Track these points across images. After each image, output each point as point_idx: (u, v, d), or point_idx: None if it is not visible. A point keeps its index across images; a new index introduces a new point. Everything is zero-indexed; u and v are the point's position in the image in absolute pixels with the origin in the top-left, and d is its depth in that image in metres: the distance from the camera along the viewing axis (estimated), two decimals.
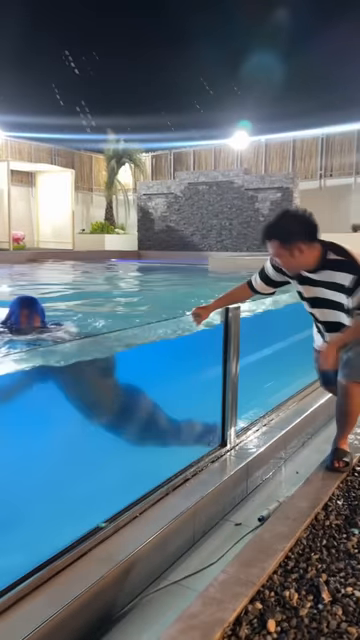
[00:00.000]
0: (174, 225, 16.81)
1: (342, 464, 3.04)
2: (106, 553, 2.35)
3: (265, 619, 1.86)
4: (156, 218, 17.13)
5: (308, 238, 2.78)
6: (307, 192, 16.03)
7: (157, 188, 17.17)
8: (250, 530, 2.89)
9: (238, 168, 16.97)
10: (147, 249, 16.57)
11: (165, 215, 16.95)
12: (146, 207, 17.29)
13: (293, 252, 2.78)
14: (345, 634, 1.79)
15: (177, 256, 14.93)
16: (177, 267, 12.41)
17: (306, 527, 2.46)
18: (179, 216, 16.67)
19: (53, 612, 1.96)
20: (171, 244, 16.63)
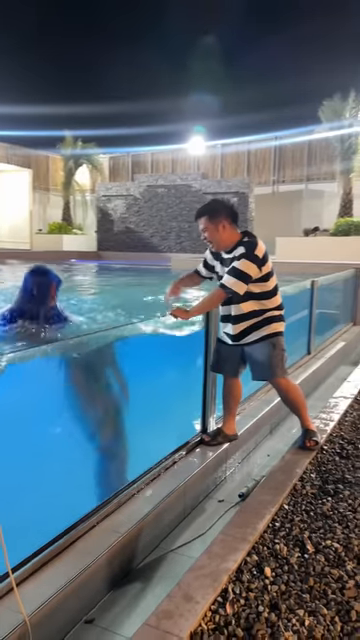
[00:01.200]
0: (134, 227, 17.06)
1: (312, 443, 3.44)
2: (112, 526, 2.63)
3: (262, 567, 2.20)
4: (115, 219, 17.31)
5: (230, 218, 3.25)
6: (261, 197, 16.65)
7: (116, 190, 17.36)
8: (232, 505, 3.23)
9: (196, 172, 17.41)
10: (107, 250, 16.72)
11: (125, 217, 17.16)
12: (105, 208, 17.44)
13: (218, 227, 3.22)
14: (329, 574, 2.16)
15: (138, 257, 15.18)
16: (141, 268, 12.67)
17: (287, 495, 2.83)
18: (139, 218, 16.93)
19: (77, 571, 2.23)
20: (131, 245, 16.86)
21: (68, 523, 2.50)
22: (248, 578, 2.13)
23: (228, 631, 1.85)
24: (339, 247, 12.06)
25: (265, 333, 3.33)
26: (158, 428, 3.52)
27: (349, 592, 2.06)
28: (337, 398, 4.63)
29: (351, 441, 3.67)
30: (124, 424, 3.33)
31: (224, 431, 3.68)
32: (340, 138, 14.48)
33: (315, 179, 16.78)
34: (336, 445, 3.58)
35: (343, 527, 2.53)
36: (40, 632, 2.00)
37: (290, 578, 2.14)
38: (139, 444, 3.36)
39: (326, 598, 2.03)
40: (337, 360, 6.87)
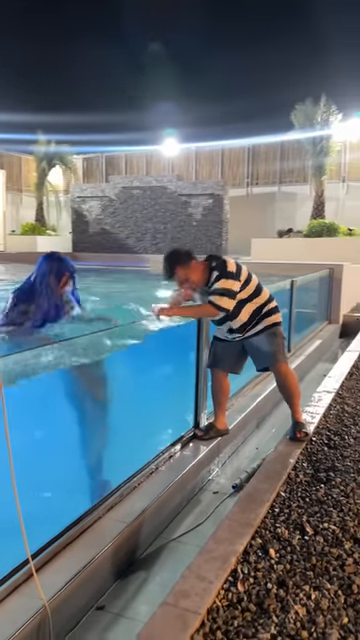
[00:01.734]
0: (109, 228, 17.06)
1: (303, 434, 3.60)
2: (118, 516, 2.72)
3: (267, 549, 2.33)
4: (91, 221, 17.29)
5: (190, 257, 3.39)
6: (235, 199, 16.88)
7: (91, 191, 17.33)
8: (226, 496, 3.36)
9: (171, 174, 17.54)
10: (82, 251, 16.65)
11: (100, 218, 17.15)
12: (80, 209, 17.40)
13: (191, 267, 3.35)
14: (329, 553, 2.31)
15: (114, 258, 15.18)
16: (120, 269, 12.69)
17: (282, 483, 2.97)
18: (114, 219, 16.94)
19: (88, 560, 2.32)
20: (106, 246, 16.86)
21: (76, 514, 2.58)
22: (254, 559, 2.26)
23: (241, 606, 1.97)
24: (312, 248, 12.37)
25: (265, 325, 3.52)
26: (151, 424, 3.63)
27: (349, 568, 2.21)
28: (320, 393, 4.81)
29: (337, 432, 3.84)
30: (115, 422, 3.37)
31: (216, 426, 3.81)
32: (312, 141, 14.84)
33: (287, 182, 17.13)
34: (324, 436, 3.74)
35: (338, 511, 2.68)
36: (57, 618, 2.08)
37: (294, 558, 2.28)
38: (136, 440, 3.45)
39: (328, 574, 2.17)
40: (315, 357, 7.09)
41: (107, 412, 3.14)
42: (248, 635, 1.82)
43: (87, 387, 3.10)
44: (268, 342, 3.53)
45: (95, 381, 3.15)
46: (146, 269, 11.53)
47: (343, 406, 4.47)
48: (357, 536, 2.45)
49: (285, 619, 1.90)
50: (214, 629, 1.85)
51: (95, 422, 3.04)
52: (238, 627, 1.86)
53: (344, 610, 1.97)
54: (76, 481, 2.83)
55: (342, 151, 15.85)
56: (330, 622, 1.90)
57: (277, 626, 1.87)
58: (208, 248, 15.80)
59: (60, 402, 2.92)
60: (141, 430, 3.38)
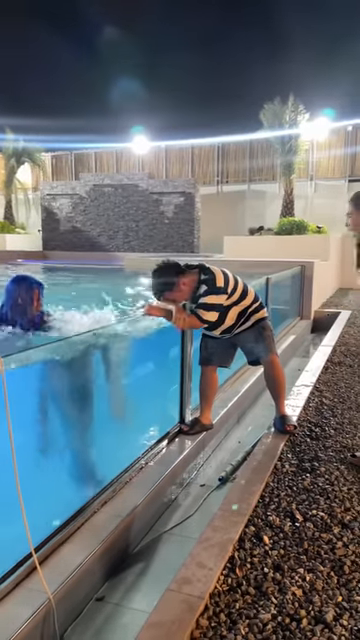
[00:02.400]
0: (80, 226, 16.95)
1: (291, 427, 3.73)
2: (113, 510, 2.78)
3: (260, 536, 2.43)
4: (61, 218, 17.14)
5: (180, 272, 3.40)
6: (206, 197, 17.03)
7: (61, 189, 17.19)
8: (213, 489, 3.45)
9: (142, 172, 17.54)
10: (53, 249, 16.52)
11: (71, 216, 17.02)
12: (50, 207, 17.23)
13: (179, 289, 3.37)
14: (320, 538, 2.43)
15: (86, 257, 15.12)
16: (94, 268, 12.64)
17: (270, 474, 3.08)
18: (85, 217, 16.85)
19: (87, 553, 2.37)
20: (78, 245, 16.75)
21: (73, 509, 2.63)
22: (250, 546, 2.36)
23: (241, 590, 2.06)
24: (283, 245, 12.59)
25: (253, 321, 3.62)
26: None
27: (339, 551, 2.33)
28: (299, 387, 4.96)
29: (317, 424, 3.98)
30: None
31: (201, 421, 3.90)
32: (281, 140, 15.08)
33: (257, 180, 17.36)
34: (305, 428, 3.88)
35: (325, 498, 2.81)
36: (60, 610, 2.13)
37: (287, 544, 2.39)
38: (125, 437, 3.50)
39: (321, 557, 2.29)
40: (290, 352, 7.27)
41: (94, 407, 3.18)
42: (250, 616, 1.92)
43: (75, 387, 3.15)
44: (259, 335, 3.65)
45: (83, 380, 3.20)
46: (120, 267, 11.53)
47: (321, 399, 4.62)
48: (344, 521, 2.58)
49: (283, 600, 2.00)
50: (217, 612, 1.94)
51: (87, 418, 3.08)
52: (240, 609, 1.96)
53: (338, 590, 2.08)
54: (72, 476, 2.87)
55: (310, 150, 16.16)
56: (326, 601, 2.01)
57: (277, 607, 1.97)
58: (180, 246, 15.91)
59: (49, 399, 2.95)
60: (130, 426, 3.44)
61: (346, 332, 7.84)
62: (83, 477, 2.95)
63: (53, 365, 2.80)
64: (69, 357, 2.90)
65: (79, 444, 2.96)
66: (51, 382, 2.99)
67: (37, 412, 2.81)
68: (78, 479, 2.92)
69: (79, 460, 2.96)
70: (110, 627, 2.25)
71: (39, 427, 2.72)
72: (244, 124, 16.65)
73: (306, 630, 1.86)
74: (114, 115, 21.24)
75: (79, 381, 3.12)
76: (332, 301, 11.61)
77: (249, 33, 20.99)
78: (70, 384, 3.03)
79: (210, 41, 23.04)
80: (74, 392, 3.13)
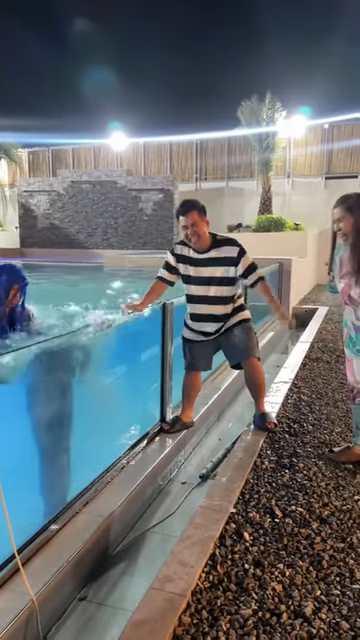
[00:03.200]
0: (58, 223, 16.81)
1: (272, 424, 3.79)
2: (95, 510, 2.79)
3: (241, 533, 2.47)
4: (39, 215, 16.97)
5: (202, 212, 3.58)
6: (185, 194, 16.99)
7: (39, 185, 17.01)
8: (194, 486, 3.49)
9: (120, 169, 17.45)
10: (31, 246, 16.35)
11: (49, 212, 16.86)
12: (28, 204, 17.04)
13: (204, 222, 3.54)
14: (299, 534, 2.48)
15: (65, 254, 15.00)
16: (73, 266, 12.56)
17: (250, 471, 3.13)
18: (63, 214, 16.71)
19: (70, 554, 2.38)
20: (56, 242, 16.62)
21: (56, 510, 2.64)
22: (231, 543, 2.40)
23: (223, 587, 2.10)
24: (261, 242, 12.69)
25: (240, 319, 3.69)
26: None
27: (318, 546, 2.38)
28: (277, 383, 5.02)
29: (296, 420, 4.05)
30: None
31: (182, 419, 3.93)
32: (258, 138, 15.16)
33: (235, 177, 17.42)
34: (284, 425, 3.94)
35: (303, 494, 2.87)
36: (43, 611, 2.14)
37: (266, 540, 2.43)
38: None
39: (300, 553, 2.34)
40: (269, 349, 7.35)
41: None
42: (231, 612, 1.96)
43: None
44: (246, 336, 3.69)
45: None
46: (99, 265, 11.48)
47: (300, 395, 4.70)
48: (323, 516, 2.64)
49: (264, 595, 2.05)
50: (199, 609, 1.97)
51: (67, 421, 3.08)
52: (221, 606, 1.99)
53: (316, 584, 2.14)
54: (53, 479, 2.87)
55: (287, 147, 16.29)
56: (305, 595, 2.06)
57: (257, 602, 2.01)
58: (159, 243, 15.91)
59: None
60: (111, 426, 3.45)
61: (323, 328, 7.96)
62: (64, 478, 2.95)
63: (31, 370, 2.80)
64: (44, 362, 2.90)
65: (59, 445, 2.96)
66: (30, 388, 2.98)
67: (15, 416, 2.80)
68: (59, 480, 2.92)
69: (60, 461, 2.96)
70: (93, 626, 2.26)
71: (20, 430, 2.71)
72: (222, 121, 16.71)
73: (286, 624, 1.90)
74: (91, 111, 21.13)
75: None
76: (310, 297, 11.76)
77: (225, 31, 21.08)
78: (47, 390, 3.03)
79: (186, 38, 23.11)
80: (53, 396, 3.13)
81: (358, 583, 2.15)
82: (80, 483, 2.93)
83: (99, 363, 3.66)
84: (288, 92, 16.29)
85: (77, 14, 22.93)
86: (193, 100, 21.11)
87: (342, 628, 1.89)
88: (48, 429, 2.94)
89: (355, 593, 2.08)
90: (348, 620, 1.93)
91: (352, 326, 3.16)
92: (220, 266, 3.56)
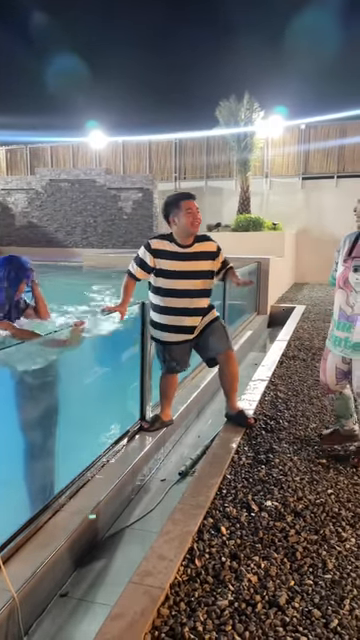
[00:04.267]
0: (37, 221, 16.70)
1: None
2: (75, 508, 2.83)
3: (218, 527, 2.55)
4: (17, 214, 16.84)
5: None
6: (164, 193, 17.00)
7: (16, 183, 16.87)
8: (173, 483, 3.55)
9: (99, 167, 17.40)
10: (8, 245, 16.19)
11: (27, 211, 16.74)
12: (5, 202, 16.89)
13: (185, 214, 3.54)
14: (274, 527, 2.56)
15: (43, 253, 14.89)
16: (52, 265, 12.49)
17: (227, 466, 3.20)
18: (42, 212, 16.61)
19: (51, 551, 2.42)
20: (34, 240, 16.51)
21: (36, 508, 2.67)
22: (208, 537, 2.47)
23: (200, 579, 2.17)
24: (240, 242, 12.81)
25: (213, 316, 3.80)
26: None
27: (292, 538, 2.47)
28: (255, 381, 5.12)
29: (272, 417, 4.14)
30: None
31: (161, 417, 3.99)
32: (237, 138, 15.28)
33: (214, 177, 17.52)
34: (261, 421, 4.03)
35: (279, 488, 2.95)
36: (24, 607, 2.18)
37: (243, 533, 2.51)
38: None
39: (275, 545, 2.42)
40: (247, 347, 7.45)
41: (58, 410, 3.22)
42: (208, 603, 2.02)
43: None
44: (222, 329, 3.80)
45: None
46: (78, 264, 11.46)
47: (276, 392, 4.80)
48: (297, 510, 2.73)
49: (240, 587, 2.12)
50: (178, 601, 2.04)
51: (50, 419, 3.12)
52: (199, 597, 2.06)
53: (290, 575, 2.22)
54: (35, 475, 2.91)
55: (265, 148, 16.44)
56: (279, 586, 2.14)
57: (233, 593, 2.09)
58: (139, 242, 15.91)
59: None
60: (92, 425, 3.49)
61: (300, 327, 8.10)
62: (44, 477, 2.99)
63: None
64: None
65: (38, 444, 2.99)
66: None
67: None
68: (40, 479, 2.95)
69: (40, 460, 3.00)
70: (74, 622, 2.31)
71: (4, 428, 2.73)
72: (201, 121, 16.79)
73: (260, 614, 1.98)
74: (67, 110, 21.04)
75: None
76: (287, 296, 11.92)
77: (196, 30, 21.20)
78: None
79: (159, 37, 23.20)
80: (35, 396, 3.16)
81: (330, 573, 2.23)
82: (61, 482, 2.97)
83: (78, 363, 3.70)
84: (265, 93, 16.49)
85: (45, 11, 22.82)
86: (171, 99, 21.19)
87: (314, 616, 1.98)
88: (26, 428, 2.98)
89: (327, 582, 2.17)
90: (320, 608, 2.02)
91: (338, 311, 3.27)
92: (205, 260, 3.64)
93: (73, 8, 23.07)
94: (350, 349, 3.19)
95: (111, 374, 4.06)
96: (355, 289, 3.12)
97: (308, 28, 21.08)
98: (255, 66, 19.91)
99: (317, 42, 21.16)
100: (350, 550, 2.40)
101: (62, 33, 23.61)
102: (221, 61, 22.18)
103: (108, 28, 24.34)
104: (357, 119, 15.87)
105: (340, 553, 2.38)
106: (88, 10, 23.39)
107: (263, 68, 20.40)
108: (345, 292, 3.20)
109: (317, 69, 20.60)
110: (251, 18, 22.05)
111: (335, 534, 2.53)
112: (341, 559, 2.34)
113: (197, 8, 23.91)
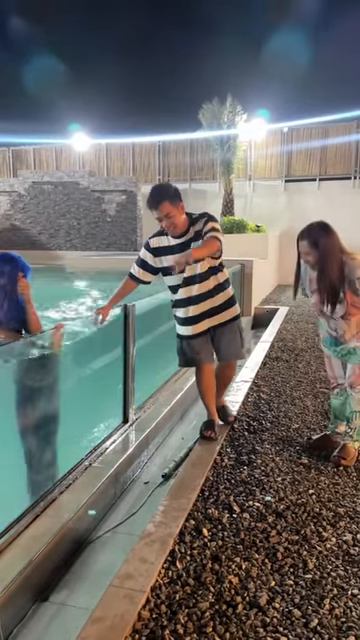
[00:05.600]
0: (19, 224, 16.58)
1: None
2: (57, 512, 2.81)
3: (200, 529, 2.55)
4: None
5: (179, 198, 3.40)
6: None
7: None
8: (157, 486, 3.54)
9: (83, 169, 17.33)
10: None
11: (9, 213, 16.61)
12: None
13: (179, 208, 3.34)
14: (255, 528, 2.57)
15: (26, 255, 14.74)
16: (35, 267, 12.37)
17: (210, 468, 3.21)
18: (24, 215, 16.49)
19: (32, 555, 2.40)
20: (17, 243, 16.35)
21: (16, 513, 2.65)
22: (190, 539, 2.47)
23: (181, 582, 2.17)
24: (224, 244, 12.84)
25: (233, 315, 3.68)
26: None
27: (273, 539, 2.48)
28: (238, 382, 5.13)
29: (255, 418, 4.16)
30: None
31: (214, 420, 3.82)
32: (220, 140, 15.34)
33: (198, 179, 17.56)
34: (244, 423, 4.05)
35: (260, 489, 2.97)
36: (4, 613, 2.16)
37: (224, 535, 2.52)
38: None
39: (256, 546, 2.43)
40: None
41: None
42: (189, 606, 2.02)
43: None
44: (236, 337, 3.70)
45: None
46: (61, 266, 11.40)
47: (259, 394, 4.82)
48: (278, 510, 2.74)
49: (221, 588, 2.13)
50: (158, 604, 2.03)
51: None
52: (180, 600, 2.06)
53: (271, 575, 2.23)
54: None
55: (248, 150, 16.53)
56: (260, 587, 2.15)
57: (214, 595, 2.09)
58: (123, 244, 15.90)
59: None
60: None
61: (283, 328, 8.15)
62: (26, 479, 2.96)
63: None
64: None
65: (23, 446, 2.97)
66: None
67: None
68: (21, 482, 2.93)
69: (24, 461, 2.98)
70: (55, 627, 2.29)
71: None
72: (184, 123, 16.82)
73: (241, 615, 1.98)
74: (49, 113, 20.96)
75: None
76: (271, 298, 11.99)
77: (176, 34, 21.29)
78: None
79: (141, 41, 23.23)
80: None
81: (310, 573, 2.25)
82: (43, 484, 2.95)
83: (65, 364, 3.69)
84: (248, 96, 16.55)
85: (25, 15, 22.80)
86: (153, 102, 21.22)
87: (294, 616, 1.99)
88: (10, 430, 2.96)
89: (307, 582, 2.19)
90: (300, 608, 2.03)
91: (327, 334, 3.40)
92: (199, 240, 3.42)
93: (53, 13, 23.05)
94: (345, 356, 3.35)
95: (93, 376, 4.05)
96: (333, 317, 3.25)
97: (288, 33, 21.29)
98: (238, 70, 20.04)
99: (297, 47, 21.39)
100: (330, 550, 2.42)
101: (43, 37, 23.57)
102: (204, 64, 22.31)
103: (89, 32, 24.36)
104: (339, 122, 16.05)
105: (321, 553, 2.40)
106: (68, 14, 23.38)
107: (246, 72, 20.54)
108: (325, 319, 3.35)
109: (298, 73, 20.82)
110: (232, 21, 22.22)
111: (316, 534, 2.55)
112: (321, 559, 2.35)
113: (178, 11, 24.03)
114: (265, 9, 22.27)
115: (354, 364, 3.28)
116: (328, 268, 3.07)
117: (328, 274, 3.08)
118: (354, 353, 3.26)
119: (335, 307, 3.15)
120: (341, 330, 3.24)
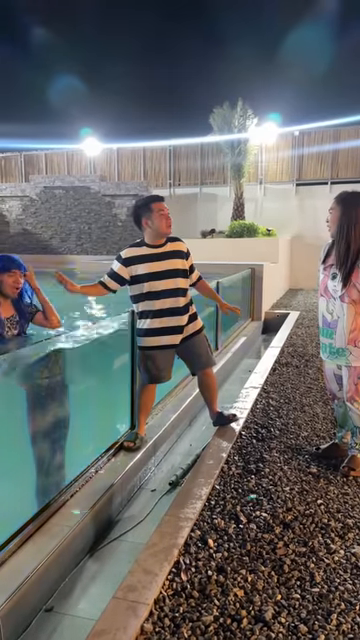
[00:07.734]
0: (31, 228, 16.69)
1: (231, 416, 4.06)
2: (62, 520, 2.79)
3: (205, 539, 2.51)
4: (11, 221, 16.82)
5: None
6: None
7: (10, 190, 16.87)
8: (164, 493, 3.51)
9: (94, 174, 17.41)
10: (1, 252, 16.18)
11: (21, 218, 16.73)
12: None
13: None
14: (262, 539, 2.53)
15: (37, 260, 14.84)
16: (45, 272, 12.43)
17: (216, 477, 3.17)
18: (36, 219, 16.60)
19: (36, 564, 2.39)
20: (29, 248, 16.48)
21: (25, 519, 2.64)
22: (195, 550, 2.44)
23: (185, 594, 2.13)
24: (234, 248, 12.82)
25: (198, 327, 3.81)
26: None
27: (280, 551, 2.44)
28: (247, 389, 5.09)
29: (264, 425, 4.12)
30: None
31: (140, 434, 3.81)
32: (231, 144, 15.32)
33: (208, 183, 17.56)
34: (252, 430, 4.00)
35: (268, 499, 2.92)
36: (7, 622, 2.14)
37: (230, 546, 2.48)
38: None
39: (262, 558, 2.39)
40: (241, 354, 7.43)
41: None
42: (193, 619, 1.99)
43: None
44: (204, 346, 3.85)
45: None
46: (72, 270, 11.43)
47: (268, 400, 4.77)
48: (286, 521, 2.70)
49: (225, 601, 2.09)
50: (162, 617, 2.00)
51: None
52: (183, 613, 2.03)
53: (277, 588, 2.19)
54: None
55: (259, 154, 16.48)
56: (265, 600, 2.11)
57: (219, 608, 2.05)
58: None
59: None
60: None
61: (294, 333, 8.08)
62: (32, 485, 2.95)
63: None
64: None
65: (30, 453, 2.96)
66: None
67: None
68: (26, 490, 2.92)
69: (29, 469, 2.96)
70: (59, 637, 2.27)
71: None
72: (195, 127, 16.84)
73: (246, 629, 1.95)
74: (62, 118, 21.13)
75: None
76: (282, 302, 11.92)
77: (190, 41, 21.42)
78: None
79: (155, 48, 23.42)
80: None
81: (318, 586, 2.20)
82: (48, 492, 2.93)
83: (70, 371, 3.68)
84: (259, 100, 16.57)
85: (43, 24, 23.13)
86: (165, 107, 21.28)
87: (300, 631, 1.94)
88: (17, 438, 2.96)
89: (314, 596, 2.14)
90: (307, 623, 1.99)
91: (321, 317, 3.33)
92: (178, 259, 3.65)
93: (70, 21, 23.31)
94: (334, 355, 3.24)
95: (100, 384, 4.04)
96: (333, 296, 3.20)
97: (301, 38, 21.25)
98: (249, 74, 20.05)
99: (310, 51, 21.34)
100: (338, 562, 2.38)
101: (59, 45, 23.83)
102: (215, 69, 22.34)
103: (104, 39, 24.56)
104: (350, 125, 15.95)
105: (328, 566, 2.35)
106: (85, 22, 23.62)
107: (257, 76, 20.55)
108: (325, 299, 3.28)
109: (310, 77, 20.77)
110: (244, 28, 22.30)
111: (324, 546, 2.50)
112: (329, 572, 2.31)
113: (191, 18, 24.16)
114: (278, 13, 22.28)
115: (349, 377, 3.23)
116: (350, 230, 3.04)
117: (347, 235, 3.04)
118: (342, 355, 3.21)
119: (348, 278, 3.06)
120: (336, 315, 3.18)
